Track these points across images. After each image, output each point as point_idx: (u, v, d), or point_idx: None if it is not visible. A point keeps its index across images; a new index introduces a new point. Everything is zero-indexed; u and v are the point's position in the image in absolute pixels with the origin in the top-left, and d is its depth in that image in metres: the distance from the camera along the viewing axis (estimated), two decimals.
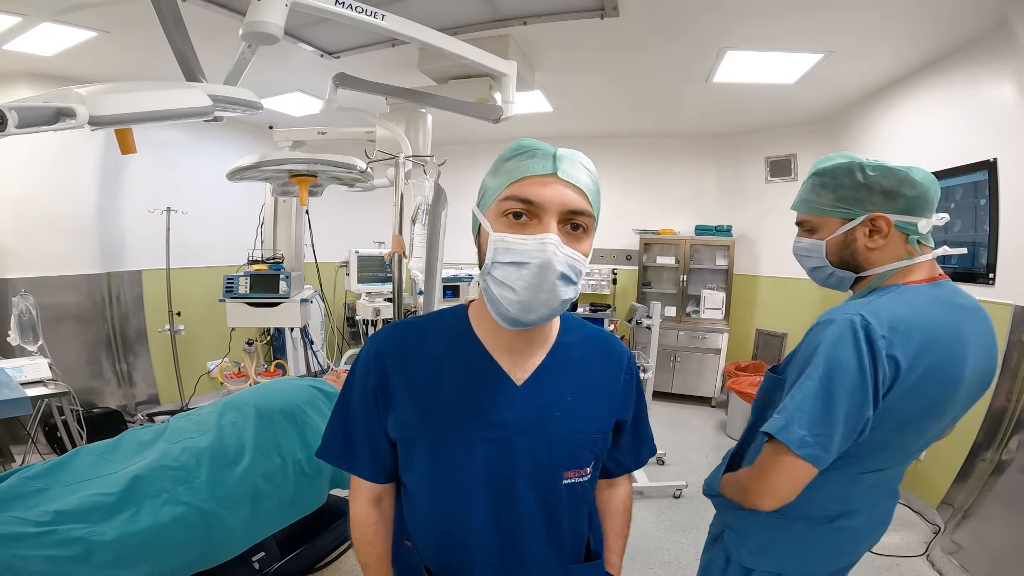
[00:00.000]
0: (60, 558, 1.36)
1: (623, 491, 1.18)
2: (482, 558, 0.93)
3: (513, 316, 0.85)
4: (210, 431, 1.92)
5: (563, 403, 0.95)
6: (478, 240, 0.91)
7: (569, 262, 0.83)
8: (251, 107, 1.56)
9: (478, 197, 0.92)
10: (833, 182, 1.10)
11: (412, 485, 0.98)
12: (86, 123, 1.13)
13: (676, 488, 3.56)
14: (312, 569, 2.33)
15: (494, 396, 0.93)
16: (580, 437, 0.96)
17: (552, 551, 0.97)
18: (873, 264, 1.10)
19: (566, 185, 0.83)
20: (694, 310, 5.68)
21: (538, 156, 0.84)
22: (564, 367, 0.98)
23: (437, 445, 0.93)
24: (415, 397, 0.93)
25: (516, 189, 0.83)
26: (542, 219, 0.82)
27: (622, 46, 3.34)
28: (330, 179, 2.77)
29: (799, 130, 5.05)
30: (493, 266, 0.84)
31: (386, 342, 0.98)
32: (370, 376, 0.96)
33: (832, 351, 0.97)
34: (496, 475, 0.92)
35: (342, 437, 1.01)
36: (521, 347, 0.96)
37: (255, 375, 3.58)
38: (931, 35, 3.01)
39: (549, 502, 0.94)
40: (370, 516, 1.03)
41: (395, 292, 2.22)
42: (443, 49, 2.20)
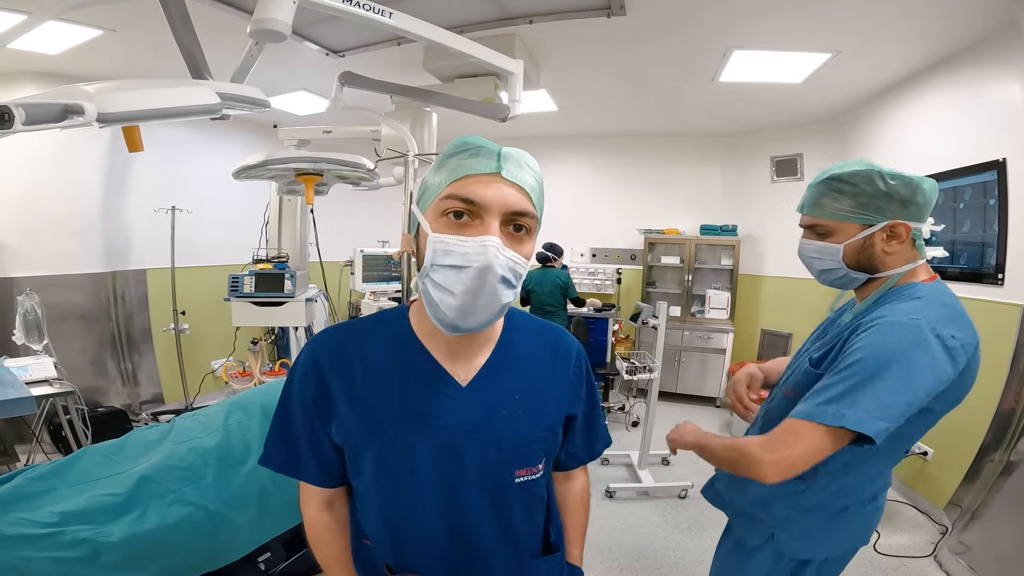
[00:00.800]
0: (67, 559, 1.36)
1: (579, 483, 1.17)
2: (438, 558, 0.92)
3: (451, 321, 0.82)
4: (216, 431, 1.91)
5: (510, 402, 0.94)
6: (416, 240, 0.88)
7: (510, 265, 0.80)
8: (258, 105, 1.55)
9: (418, 195, 0.89)
10: (853, 188, 1.13)
11: (361, 489, 0.95)
12: (94, 120, 1.12)
13: (681, 488, 3.54)
14: (317, 569, 2.31)
15: (438, 399, 0.91)
16: (529, 435, 0.95)
17: (508, 547, 0.96)
18: (888, 266, 1.16)
19: (510, 185, 0.80)
20: (699, 310, 5.67)
21: (482, 154, 0.81)
22: (510, 365, 0.96)
23: (383, 452, 0.90)
24: (356, 404, 0.91)
25: (458, 188, 0.80)
26: (484, 220, 0.79)
27: (628, 45, 3.32)
28: (336, 178, 2.77)
29: (805, 130, 5.02)
30: (432, 268, 0.80)
31: (324, 348, 0.95)
32: (308, 383, 0.93)
33: (910, 352, 1.01)
34: (445, 479, 0.90)
35: (284, 444, 0.97)
36: (462, 348, 0.94)
37: (260, 374, 3.58)
38: (939, 35, 2.99)
39: (501, 501, 0.93)
40: (322, 520, 1.01)
41: (404, 291, 2.20)
42: (449, 47, 2.18)
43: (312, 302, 3.58)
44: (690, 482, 3.58)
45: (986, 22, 2.79)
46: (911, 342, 1.01)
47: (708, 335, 5.44)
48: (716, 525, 3.20)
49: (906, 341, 1.02)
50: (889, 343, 1.03)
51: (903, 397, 0.99)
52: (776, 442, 1.06)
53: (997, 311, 2.78)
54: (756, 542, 1.30)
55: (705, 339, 5.45)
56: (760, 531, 1.29)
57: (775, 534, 1.26)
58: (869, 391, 1.00)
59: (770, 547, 1.28)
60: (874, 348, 1.03)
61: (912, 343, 1.01)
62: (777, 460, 1.05)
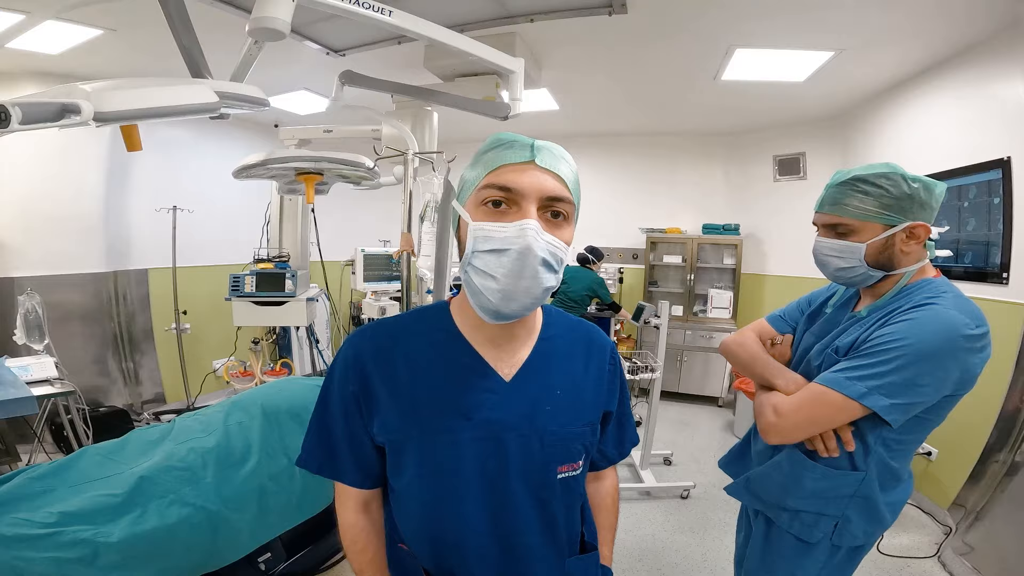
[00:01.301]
0: (66, 560, 1.35)
1: (610, 483, 1.17)
2: (479, 558, 0.91)
3: (495, 306, 0.83)
4: (216, 431, 1.91)
5: (552, 397, 0.94)
6: (458, 233, 0.90)
7: (550, 248, 0.82)
8: (258, 104, 1.54)
9: (457, 191, 0.91)
10: (878, 190, 1.18)
11: (402, 490, 0.94)
12: (91, 119, 1.11)
13: (683, 488, 3.53)
14: (318, 570, 2.31)
15: (482, 394, 0.91)
16: (571, 430, 0.95)
17: (549, 546, 0.95)
18: (903, 264, 1.22)
19: (544, 172, 0.82)
20: (701, 309, 5.66)
21: (515, 146, 0.84)
22: (551, 360, 0.97)
23: (426, 448, 0.90)
24: (399, 400, 0.91)
25: (494, 177, 0.82)
26: (521, 206, 0.81)
27: (630, 44, 3.31)
28: (336, 177, 2.76)
29: (808, 128, 5.00)
30: (473, 255, 0.82)
31: (365, 343, 0.95)
32: (349, 380, 0.93)
33: (946, 349, 1.08)
34: (489, 474, 0.90)
35: (323, 445, 0.97)
36: (506, 341, 0.94)
37: (261, 374, 3.57)
38: (943, 33, 2.98)
39: (544, 498, 0.93)
40: (359, 523, 1.00)
41: (403, 291, 2.20)
42: (450, 46, 2.18)
43: (313, 301, 3.57)
44: (692, 482, 3.57)
45: (989, 20, 2.78)
46: (948, 339, 1.08)
47: (710, 334, 5.42)
48: (718, 525, 3.20)
49: (943, 337, 1.08)
50: (926, 337, 1.09)
51: (927, 392, 1.09)
52: (800, 402, 1.20)
53: (1002, 310, 2.77)
54: (817, 536, 1.31)
55: (707, 338, 5.43)
56: (823, 525, 1.30)
57: (839, 524, 1.28)
58: (898, 377, 1.08)
59: (828, 539, 1.30)
60: (911, 338, 1.10)
61: (949, 341, 1.08)
62: (791, 421, 1.20)
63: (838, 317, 1.36)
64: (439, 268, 2.29)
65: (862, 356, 1.14)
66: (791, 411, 1.20)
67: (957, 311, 1.11)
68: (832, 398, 1.14)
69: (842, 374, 1.14)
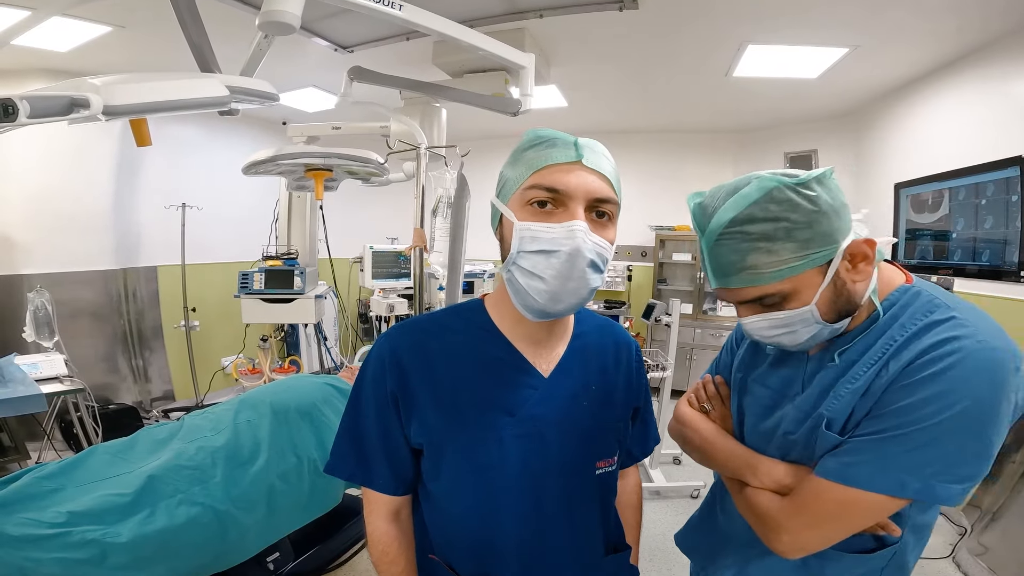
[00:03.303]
0: (74, 560, 1.34)
1: (634, 481, 1.17)
2: (519, 558, 0.90)
3: (541, 306, 0.83)
4: (225, 429, 1.89)
5: (589, 392, 0.94)
6: (500, 231, 0.88)
7: (597, 250, 0.81)
8: (267, 98, 1.52)
9: (497, 188, 0.90)
10: (778, 226, 0.81)
11: (440, 493, 0.92)
12: (100, 113, 1.10)
13: (693, 488, 3.51)
14: (326, 569, 2.30)
15: (523, 390, 0.90)
16: (607, 425, 0.96)
17: (587, 544, 0.95)
18: (862, 292, 0.88)
19: (591, 172, 0.81)
20: (711, 307, 5.62)
21: (559, 145, 0.83)
22: (585, 357, 0.97)
23: (468, 447, 0.88)
24: (439, 398, 0.89)
25: (540, 177, 0.81)
26: (568, 207, 0.81)
27: (640, 40, 3.28)
28: (345, 173, 2.75)
29: (820, 125, 4.96)
30: (519, 256, 0.82)
31: (402, 340, 0.93)
32: (387, 378, 0.90)
33: (1003, 390, 0.77)
34: (531, 471, 0.89)
35: (355, 449, 0.94)
36: (543, 338, 0.94)
37: (269, 371, 3.57)
38: (958, 31, 2.94)
39: (583, 495, 0.93)
40: (390, 532, 0.96)
41: (416, 287, 2.18)
42: (460, 41, 2.15)
43: (322, 299, 3.56)
44: (702, 482, 3.54)
45: (1007, 17, 2.74)
46: (1002, 382, 0.77)
47: (720, 332, 5.38)
48: None
49: (997, 382, 0.77)
50: (981, 391, 0.77)
51: (995, 448, 0.78)
52: (804, 511, 0.86)
53: (1018, 309, 2.73)
54: None
55: (717, 337, 5.39)
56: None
57: None
58: (964, 452, 0.77)
59: None
60: (964, 398, 0.76)
61: (1003, 383, 0.77)
62: (802, 538, 0.87)
63: (796, 363, 1.00)
64: (453, 263, 2.27)
65: (894, 435, 0.79)
66: (795, 520, 0.87)
67: (987, 336, 0.79)
68: (869, 503, 0.80)
69: (872, 466, 0.80)
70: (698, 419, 1.11)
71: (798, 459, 0.93)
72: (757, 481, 0.95)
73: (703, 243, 0.90)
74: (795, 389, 0.97)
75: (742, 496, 0.98)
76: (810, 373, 0.95)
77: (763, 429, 1.00)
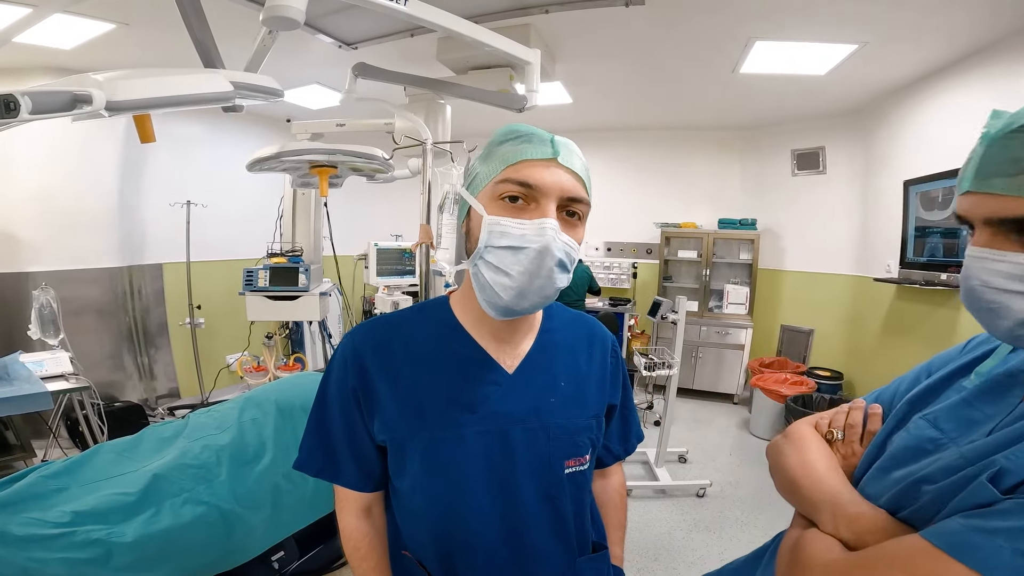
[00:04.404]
0: (78, 560, 1.33)
1: (616, 480, 1.15)
2: (487, 560, 0.88)
3: (505, 304, 0.81)
4: (231, 428, 1.89)
5: (557, 389, 0.92)
6: (467, 224, 0.88)
7: (566, 249, 0.80)
8: (272, 94, 1.51)
9: (466, 181, 0.89)
10: None
11: (406, 490, 0.91)
12: (103, 108, 1.08)
13: (699, 487, 3.49)
14: (330, 568, 2.29)
15: (486, 387, 0.89)
16: (577, 423, 0.93)
17: (559, 545, 0.93)
18: None
19: (565, 171, 0.81)
20: (716, 305, 5.59)
21: (535, 141, 0.82)
22: (553, 352, 0.95)
23: (430, 445, 0.87)
24: (401, 396, 0.88)
25: (513, 172, 0.80)
26: (540, 204, 0.79)
27: (646, 36, 3.26)
28: (350, 170, 2.74)
29: (828, 122, 4.92)
30: (487, 250, 0.80)
31: (363, 338, 0.92)
32: (348, 377, 0.90)
33: None
34: (496, 470, 0.87)
35: (321, 446, 0.94)
36: (508, 335, 0.92)
37: (274, 369, 3.56)
38: (969, 28, 2.91)
39: (552, 494, 0.90)
40: (360, 528, 0.96)
41: (421, 284, 2.16)
42: (465, 37, 2.13)
43: (326, 296, 3.55)
44: (708, 480, 3.53)
45: (1016, 15, 2.70)
46: None
47: (726, 330, 5.36)
48: (735, 524, 3.16)
49: None
50: None
51: None
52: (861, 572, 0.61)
53: None
54: None
55: (723, 334, 5.37)
56: None
57: None
58: None
59: None
60: None
61: None
62: None
63: (998, 404, 0.66)
64: (459, 261, 2.26)
65: None
66: None
67: None
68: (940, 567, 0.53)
69: (1010, 537, 0.51)
70: (811, 440, 0.82)
71: (909, 518, 0.64)
72: (831, 523, 0.69)
73: (982, 140, 0.65)
74: (975, 436, 0.65)
75: (795, 535, 0.74)
76: (1012, 419, 0.63)
77: (894, 476, 0.69)
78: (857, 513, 0.68)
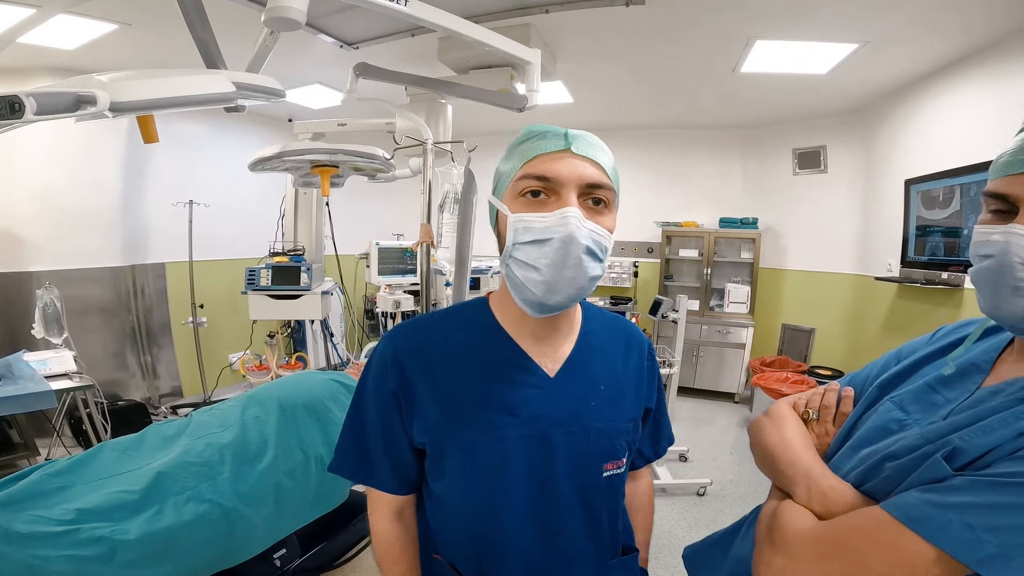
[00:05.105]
0: (83, 558, 1.34)
1: (645, 483, 1.15)
2: (522, 562, 0.89)
3: (538, 299, 0.81)
4: (233, 426, 1.90)
5: (597, 393, 0.92)
6: (497, 228, 0.88)
7: (593, 236, 0.79)
8: (273, 95, 1.52)
9: (493, 185, 0.90)
10: None
11: (443, 493, 0.91)
12: (107, 109, 1.09)
13: (700, 485, 3.50)
14: (333, 566, 2.30)
15: (527, 390, 0.88)
16: (616, 427, 0.93)
17: (592, 548, 0.93)
18: None
19: (581, 159, 0.80)
20: (717, 304, 5.60)
21: (549, 136, 0.82)
22: (593, 355, 0.95)
23: (470, 447, 0.87)
24: (441, 398, 0.88)
25: (530, 168, 0.80)
26: (561, 194, 0.79)
27: (647, 35, 3.26)
28: (351, 170, 2.75)
29: (829, 121, 4.91)
30: (514, 248, 0.81)
31: (404, 340, 0.92)
32: (388, 378, 0.90)
33: None
34: (536, 473, 0.87)
35: (357, 448, 0.94)
36: (549, 336, 0.92)
37: (276, 368, 3.58)
38: (970, 27, 2.89)
39: (589, 497, 0.91)
40: (393, 531, 0.96)
41: (422, 283, 2.17)
42: (466, 36, 2.14)
43: (328, 295, 3.57)
44: (708, 479, 3.53)
45: (1015, 14, 2.69)
46: None
47: (727, 329, 5.36)
48: None
49: None
50: None
51: None
52: (828, 540, 0.68)
53: None
54: None
55: (724, 333, 5.37)
56: None
57: None
58: None
59: None
60: None
61: None
62: (798, 569, 0.69)
63: (960, 390, 0.74)
64: (460, 258, 2.27)
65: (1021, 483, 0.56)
66: (809, 547, 0.69)
67: None
68: (914, 558, 0.58)
69: (957, 512, 0.57)
70: (789, 419, 0.89)
71: (872, 491, 0.71)
72: (805, 496, 0.76)
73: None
74: (935, 418, 0.73)
75: (773, 506, 0.80)
76: (969, 404, 0.70)
77: (862, 454, 0.76)
78: (828, 487, 0.75)
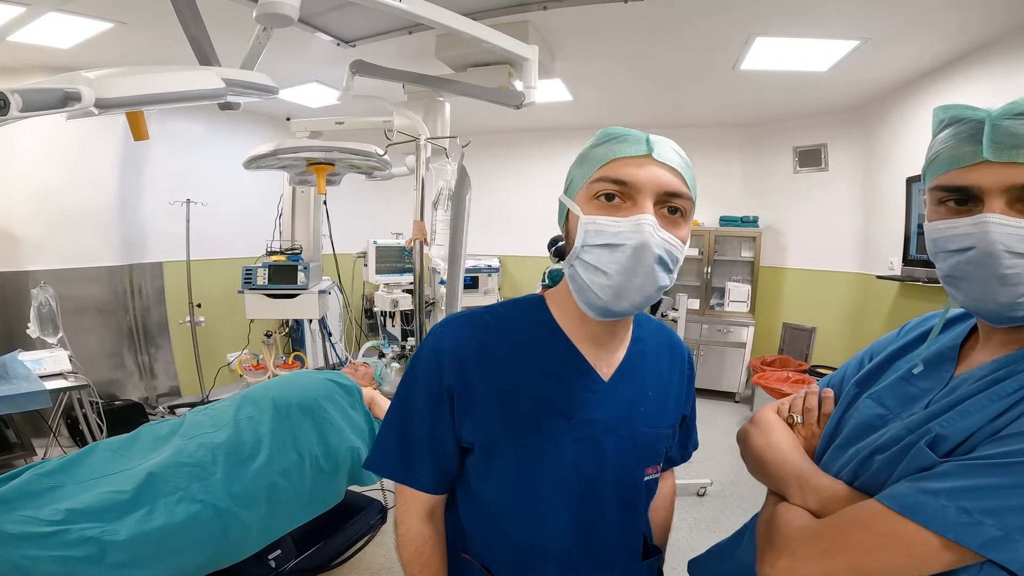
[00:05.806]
0: (72, 558, 1.33)
1: (670, 485, 1.16)
2: (559, 564, 0.88)
3: (604, 304, 0.79)
4: (226, 426, 1.88)
5: (646, 399, 0.92)
6: (566, 227, 0.86)
7: (666, 246, 0.77)
8: (266, 91, 1.50)
9: (565, 185, 0.87)
10: None
11: (486, 494, 0.90)
12: (92, 106, 1.08)
13: (700, 486, 3.48)
14: (328, 567, 2.29)
15: (581, 393, 0.87)
16: (659, 432, 0.93)
17: (625, 550, 0.94)
18: None
19: (661, 166, 0.78)
20: (718, 303, 5.58)
21: (629, 140, 0.79)
22: (644, 362, 0.94)
23: (522, 449, 0.86)
24: (497, 397, 0.86)
25: (608, 171, 0.78)
26: (637, 201, 0.77)
27: (646, 32, 3.24)
28: (348, 168, 2.73)
29: (830, 119, 4.88)
30: (583, 249, 0.78)
31: (462, 334, 0.89)
32: (443, 373, 0.87)
33: None
34: (583, 476, 0.86)
35: (399, 445, 0.92)
36: (606, 340, 0.90)
37: (274, 367, 3.57)
38: (969, 25, 2.87)
39: (631, 500, 0.92)
40: (424, 532, 0.94)
41: (416, 281, 2.16)
42: (463, 33, 2.13)
43: (325, 294, 3.56)
44: (709, 479, 3.52)
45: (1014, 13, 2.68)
46: None
47: (728, 328, 5.34)
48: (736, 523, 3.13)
49: None
50: None
51: None
52: (828, 536, 0.69)
53: None
54: None
55: (724, 332, 5.35)
56: None
57: None
58: None
59: None
60: None
61: None
62: (802, 568, 0.69)
63: (934, 381, 0.77)
64: (453, 256, 2.26)
65: (1009, 463, 0.58)
66: (811, 545, 0.70)
67: None
68: (916, 546, 0.60)
69: (951, 497, 0.59)
70: (775, 424, 0.92)
71: (864, 486, 0.73)
72: (799, 496, 0.78)
73: (991, 119, 0.67)
74: (914, 410, 0.75)
75: (770, 510, 0.81)
76: (945, 394, 0.73)
77: (850, 452, 0.78)
78: (820, 485, 0.77)
